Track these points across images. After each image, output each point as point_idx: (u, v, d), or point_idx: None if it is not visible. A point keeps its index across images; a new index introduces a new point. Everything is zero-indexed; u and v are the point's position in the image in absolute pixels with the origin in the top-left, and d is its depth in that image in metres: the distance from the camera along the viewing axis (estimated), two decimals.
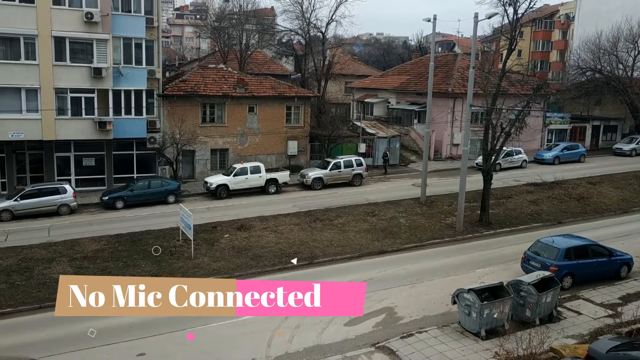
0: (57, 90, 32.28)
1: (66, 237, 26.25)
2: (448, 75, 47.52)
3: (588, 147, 51.44)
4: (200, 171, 38.53)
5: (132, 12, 33.62)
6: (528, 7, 27.65)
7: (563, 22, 78.40)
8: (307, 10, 49.72)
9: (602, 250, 21.67)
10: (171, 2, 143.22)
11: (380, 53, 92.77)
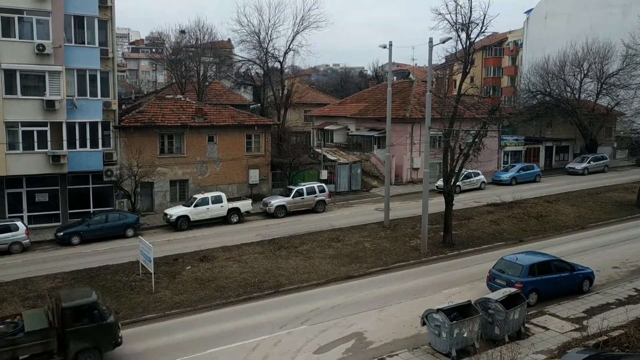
0: (8, 124, 31.21)
1: (18, 276, 25.00)
2: (405, 101, 48.38)
3: (542, 167, 52.94)
4: (159, 203, 37.66)
5: (86, 43, 33.00)
6: (480, 32, 28.49)
7: (512, 49, 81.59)
8: (264, 40, 50.04)
9: (565, 265, 22.04)
10: (126, 36, 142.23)
11: (338, 82, 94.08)
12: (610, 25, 59.68)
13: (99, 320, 16.59)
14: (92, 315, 16.50)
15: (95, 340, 16.49)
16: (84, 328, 16.28)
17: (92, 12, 32.94)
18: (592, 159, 51.73)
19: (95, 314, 16.58)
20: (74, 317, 16.26)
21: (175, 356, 17.50)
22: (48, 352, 15.85)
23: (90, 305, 16.66)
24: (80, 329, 16.22)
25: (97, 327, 16.50)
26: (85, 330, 16.28)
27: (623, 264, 25.54)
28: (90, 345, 16.42)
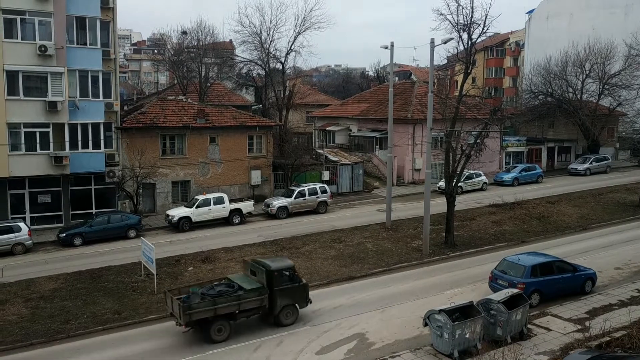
0: (10, 126, 31.27)
1: (21, 277, 25.06)
2: (407, 102, 48.38)
3: (544, 168, 52.88)
4: (161, 204, 37.68)
5: (88, 44, 33.04)
6: (481, 33, 28.46)
7: (514, 49, 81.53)
8: (265, 40, 50.05)
9: (567, 266, 22.00)
10: (128, 37, 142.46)
11: (340, 83, 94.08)
12: (612, 25, 59.62)
13: (298, 281, 19.95)
14: (293, 277, 19.82)
15: (295, 298, 19.87)
16: (287, 287, 19.61)
17: (94, 13, 32.99)
18: (594, 159, 51.67)
19: (295, 276, 19.95)
20: (280, 278, 19.50)
21: (178, 357, 17.52)
22: (262, 307, 19.29)
23: (291, 268, 20.06)
24: (284, 288, 19.53)
25: (297, 287, 19.87)
26: (288, 289, 19.62)
27: (625, 264, 25.50)
28: (291, 302, 19.80)
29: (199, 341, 18.56)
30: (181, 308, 17.81)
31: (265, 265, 19.71)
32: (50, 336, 19.26)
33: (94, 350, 18.30)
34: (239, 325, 19.35)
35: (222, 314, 18.39)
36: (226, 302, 18.40)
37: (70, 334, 19.44)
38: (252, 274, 20.05)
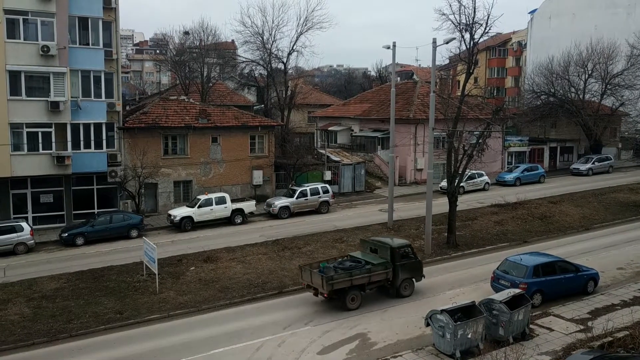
0: (13, 126, 31.33)
1: (23, 276, 25.10)
2: (409, 102, 48.34)
3: (547, 168, 52.80)
4: (163, 204, 37.72)
5: (90, 44, 33.11)
6: (483, 33, 28.42)
7: (516, 49, 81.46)
8: (267, 41, 50.11)
9: (569, 266, 21.95)
10: (130, 37, 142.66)
11: (342, 83, 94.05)
12: (615, 25, 59.56)
13: (415, 257, 22.52)
14: (411, 253, 22.38)
15: (412, 272, 22.36)
16: (407, 263, 22.11)
17: (96, 14, 33.04)
18: (597, 159, 51.56)
19: (413, 253, 22.54)
20: (401, 254, 22.01)
21: (179, 356, 17.55)
22: (386, 280, 21.71)
23: (409, 246, 22.81)
24: (404, 263, 22.01)
25: (414, 263, 22.42)
26: (407, 264, 22.13)
27: (628, 265, 25.44)
28: (410, 276, 22.28)
29: (199, 341, 18.57)
30: (324, 279, 20.26)
31: (388, 243, 22.43)
32: (52, 336, 19.29)
33: (95, 349, 18.33)
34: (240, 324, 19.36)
35: (356, 285, 20.92)
36: (360, 274, 20.98)
37: (72, 333, 19.47)
38: (373, 252, 22.54)
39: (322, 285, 20.36)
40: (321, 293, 20.78)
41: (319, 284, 20.57)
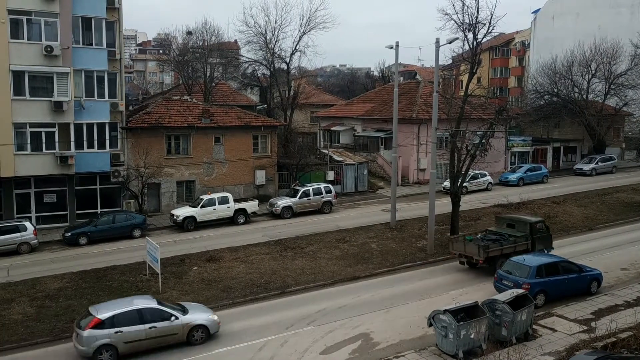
0: (16, 125, 31.39)
1: (26, 276, 25.15)
2: (412, 102, 48.31)
3: (550, 168, 52.68)
4: (166, 204, 37.77)
5: (94, 44, 33.13)
6: (487, 33, 28.42)
7: (519, 49, 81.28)
8: (270, 41, 50.12)
9: (572, 266, 21.90)
10: (133, 37, 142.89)
11: (344, 83, 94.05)
12: (619, 25, 59.36)
13: (547, 231, 25.95)
14: (544, 228, 25.85)
15: (545, 243, 25.59)
16: (541, 235, 25.53)
17: (99, 14, 33.10)
18: (600, 159, 51.41)
19: (546, 227, 26.08)
20: (537, 228, 25.38)
21: (182, 356, 17.55)
22: (526, 250, 24.56)
23: (543, 222, 26.38)
24: (539, 236, 25.40)
25: (547, 235, 25.84)
26: (542, 237, 25.45)
27: (632, 265, 25.38)
28: (543, 247, 25.30)
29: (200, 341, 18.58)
30: (481, 248, 23.86)
31: (527, 219, 26.32)
32: (55, 335, 19.32)
33: None
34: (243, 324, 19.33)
35: (504, 253, 24.06)
36: (508, 245, 24.50)
37: None
38: (509, 227, 25.94)
39: (479, 253, 23.90)
40: (476, 260, 24.27)
41: (475, 252, 24.10)
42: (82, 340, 16.85)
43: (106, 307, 17.98)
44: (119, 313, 17.39)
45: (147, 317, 17.61)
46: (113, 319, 17.17)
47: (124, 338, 17.11)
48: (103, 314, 17.26)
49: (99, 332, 16.88)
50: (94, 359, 16.86)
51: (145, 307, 17.93)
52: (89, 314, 17.56)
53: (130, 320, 17.36)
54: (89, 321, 17.12)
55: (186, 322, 18.12)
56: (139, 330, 17.34)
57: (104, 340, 16.84)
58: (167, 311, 18.06)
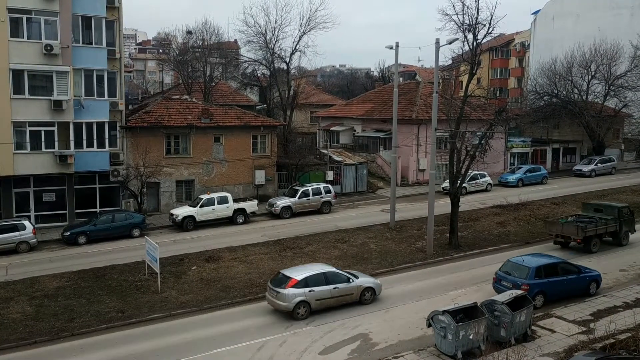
0: (16, 124, 31.40)
1: (25, 275, 25.16)
2: (411, 103, 48.31)
3: (549, 169, 52.68)
4: (165, 203, 37.75)
5: (94, 44, 33.13)
6: (487, 33, 28.34)
7: (519, 50, 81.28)
8: (270, 40, 50.12)
9: (571, 267, 21.90)
10: (133, 37, 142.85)
11: (344, 83, 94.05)
12: (619, 26, 59.38)
13: (632, 215, 28.64)
14: (629, 212, 28.56)
15: (630, 226, 28.53)
16: (627, 219, 28.25)
17: (99, 13, 33.11)
18: (600, 161, 51.42)
19: (630, 212, 28.62)
20: (623, 213, 28.23)
21: (181, 356, 17.54)
22: (615, 232, 27.93)
23: (628, 207, 29.25)
24: (625, 219, 28.13)
25: (631, 219, 28.62)
26: (627, 220, 28.35)
27: (630, 266, 25.37)
28: (627, 229, 28.46)
29: (200, 341, 18.58)
30: (580, 228, 26.46)
31: (615, 205, 29.06)
32: (54, 334, 19.31)
33: (97, 348, 18.33)
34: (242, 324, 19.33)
35: (598, 234, 27.13)
36: (601, 226, 27.28)
37: (74, 332, 19.49)
38: (597, 211, 28.50)
39: (577, 233, 26.40)
40: (574, 239, 26.79)
41: (574, 233, 26.61)
42: (284, 297, 19.96)
43: (295, 270, 21.25)
44: (310, 275, 20.64)
45: (331, 279, 20.88)
46: (306, 280, 20.35)
47: (315, 296, 20.33)
48: (298, 276, 20.45)
49: (297, 290, 20.07)
50: (293, 312, 19.99)
51: (328, 271, 21.25)
52: (284, 276, 20.64)
53: (319, 282, 20.59)
54: (288, 282, 20.21)
55: (359, 284, 21.42)
56: (325, 290, 20.54)
57: (301, 297, 20.06)
58: (345, 275, 21.34)
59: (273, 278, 21.19)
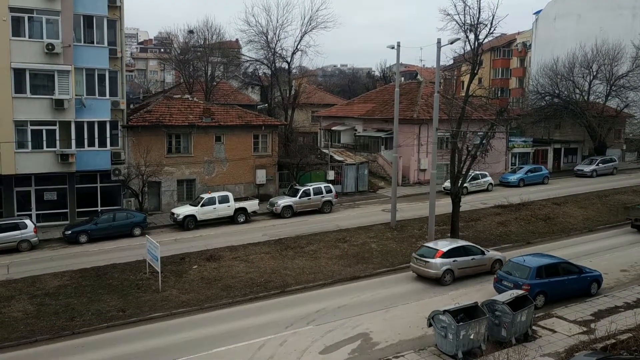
0: (17, 123, 31.40)
1: (26, 273, 25.18)
2: (413, 102, 48.29)
3: (551, 169, 52.59)
4: (166, 202, 37.78)
5: (95, 43, 33.15)
6: (488, 33, 28.36)
7: (520, 50, 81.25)
8: (272, 40, 50.07)
9: (572, 267, 21.88)
10: (135, 36, 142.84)
11: (346, 82, 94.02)
12: (620, 26, 59.32)
13: None
14: None
15: None
16: None
17: (101, 12, 33.14)
18: (601, 161, 51.37)
19: None
20: None
21: (181, 355, 17.56)
22: None
23: None
24: None
25: None
26: None
27: (632, 267, 25.36)
28: None
29: (201, 339, 18.59)
30: None
31: None
32: (55, 333, 19.34)
33: (98, 347, 18.36)
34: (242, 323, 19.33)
35: None
36: None
37: (75, 331, 19.52)
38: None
39: None
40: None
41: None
42: (433, 266, 23.23)
43: (438, 244, 24.65)
44: (452, 247, 23.96)
45: (468, 251, 24.15)
46: (450, 252, 23.59)
47: (458, 265, 23.49)
48: (444, 248, 23.82)
49: (444, 260, 23.31)
50: (441, 278, 23.09)
51: (466, 244, 24.67)
52: (431, 248, 23.96)
53: (459, 253, 23.84)
54: (435, 253, 23.46)
55: (491, 256, 24.69)
56: (465, 260, 23.79)
57: (448, 266, 23.25)
58: (479, 248, 24.62)
59: (417, 250, 24.57)
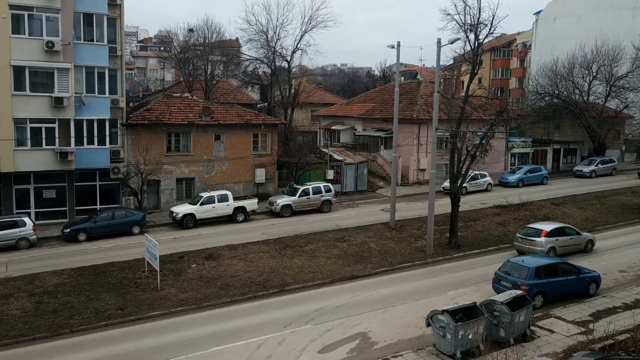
0: (16, 121, 31.37)
1: (25, 271, 25.16)
2: (412, 102, 48.28)
3: (550, 169, 52.63)
4: (165, 201, 37.76)
5: (95, 41, 33.13)
6: (488, 33, 28.32)
7: (520, 50, 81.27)
8: (272, 39, 50.09)
9: (571, 268, 21.90)
10: (135, 34, 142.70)
11: (345, 82, 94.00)
12: (620, 27, 59.33)
13: None
14: None
15: None
16: None
17: (101, 10, 33.10)
18: (600, 161, 51.41)
19: None
20: None
21: (180, 353, 17.55)
22: None
23: None
24: None
25: None
26: None
27: (630, 267, 25.37)
28: None
29: (199, 338, 18.59)
30: None
31: None
32: (53, 331, 19.32)
33: (96, 345, 18.34)
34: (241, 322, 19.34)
35: None
36: None
37: (74, 329, 19.50)
38: None
39: None
40: None
41: None
42: (539, 244, 25.90)
43: (541, 225, 27.66)
44: (554, 228, 27.03)
45: (567, 232, 27.22)
46: (553, 231, 26.60)
47: (559, 243, 26.53)
48: (547, 228, 26.86)
49: (549, 239, 26.28)
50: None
51: (565, 226, 27.89)
52: (536, 229, 26.83)
53: (560, 233, 26.88)
54: (540, 232, 26.38)
55: (585, 237, 27.82)
56: (565, 239, 26.87)
57: (551, 244, 26.19)
58: (575, 229, 27.76)
59: (521, 231, 27.49)
